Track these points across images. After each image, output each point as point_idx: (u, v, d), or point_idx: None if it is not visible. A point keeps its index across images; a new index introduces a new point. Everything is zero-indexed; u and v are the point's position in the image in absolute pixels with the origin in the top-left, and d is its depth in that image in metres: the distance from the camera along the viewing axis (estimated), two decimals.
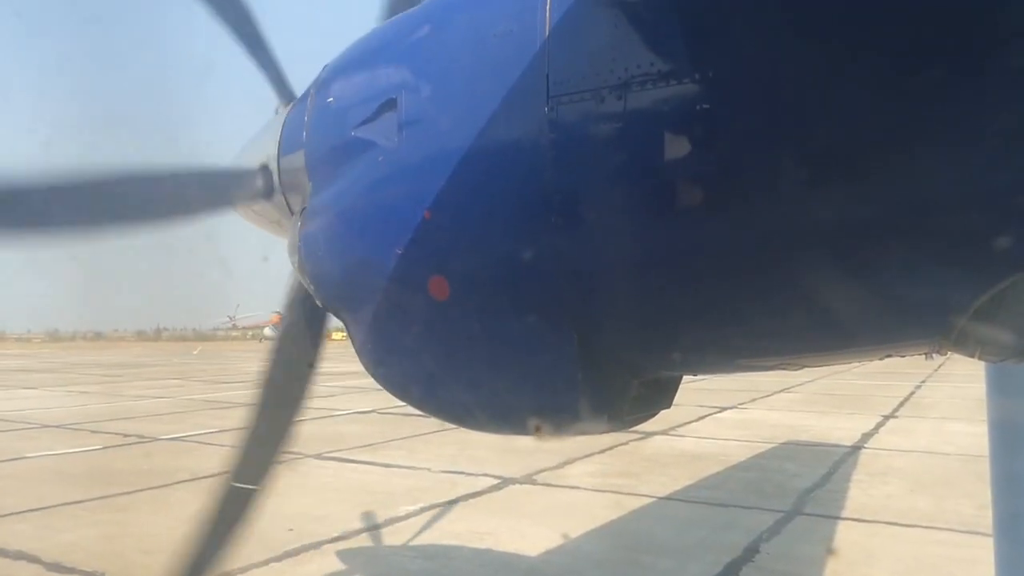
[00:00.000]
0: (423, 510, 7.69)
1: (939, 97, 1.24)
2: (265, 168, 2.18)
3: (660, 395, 1.83)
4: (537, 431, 1.68)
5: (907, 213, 1.29)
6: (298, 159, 2.00)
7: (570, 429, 1.70)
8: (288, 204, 2.12)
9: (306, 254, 1.93)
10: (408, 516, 7.46)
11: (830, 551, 6.43)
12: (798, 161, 1.31)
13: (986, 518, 3.43)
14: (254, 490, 2.35)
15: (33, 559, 6.18)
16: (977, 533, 6.39)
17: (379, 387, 2.00)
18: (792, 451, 11.23)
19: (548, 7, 1.50)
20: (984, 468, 3.25)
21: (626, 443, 11.30)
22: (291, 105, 2.19)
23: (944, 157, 1.25)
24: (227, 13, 2.32)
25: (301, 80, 2.22)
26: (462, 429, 2.01)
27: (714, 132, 1.36)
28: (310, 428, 14.15)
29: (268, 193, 2.19)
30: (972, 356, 1.50)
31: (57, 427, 14.39)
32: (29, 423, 14.95)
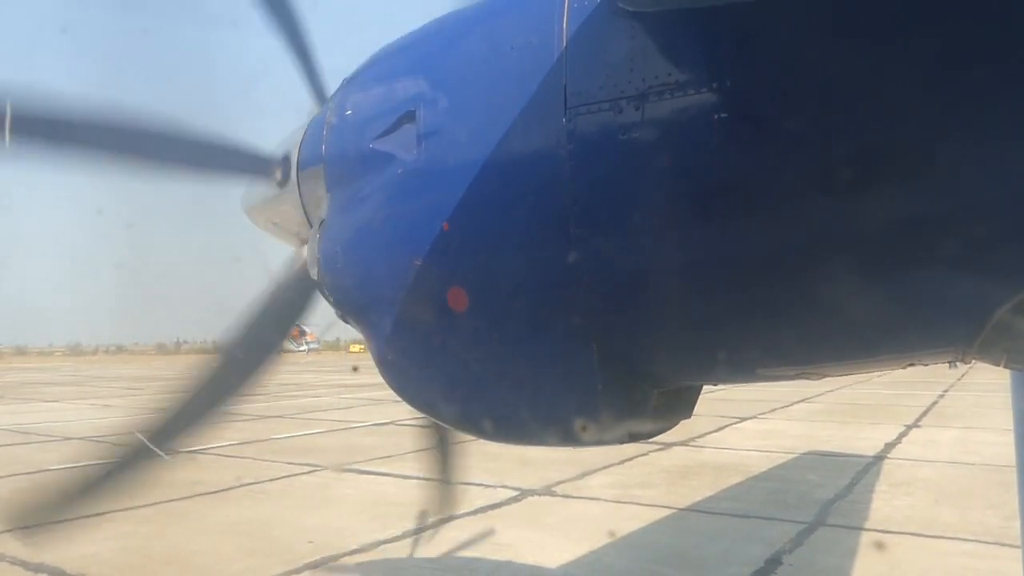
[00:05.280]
0: (442, 521, 7.66)
1: (959, 104, 1.23)
2: (286, 158, 2.20)
3: (680, 405, 1.82)
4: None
5: (930, 220, 1.28)
6: (317, 172, 2.01)
7: (590, 440, 1.70)
8: (307, 216, 2.14)
9: (324, 266, 1.94)
10: (427, 528, 7.44)
11: (853, 563, 6.34)
12: (817, 170, 1.31)
13: (1013, 529, 3.38)
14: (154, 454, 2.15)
15: (54, 570, 6.22)
16: (1004, 544, 6.29)
17: (397, 399, 2.00)
18: (813, 461, 11.11)
19: (565, 19, 1.50)
20: (1010, 478, 3.20)
21: (645, 454, 11.23)
22: (311, 118, 2.20)
23: (969, 163, 1.24)
24: (278, 14, 2.33)
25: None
26: (480, 440, 2.01)
27: (731, 142, 1.36)
28: (328, 440, 14.18)
29: (283, 181, 2.21)
30: (998, 364, 1.49)
31: (79, 439, 14.50)
32: (51, 436, 15.09)
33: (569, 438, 1.74)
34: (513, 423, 1.82)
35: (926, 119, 1.25)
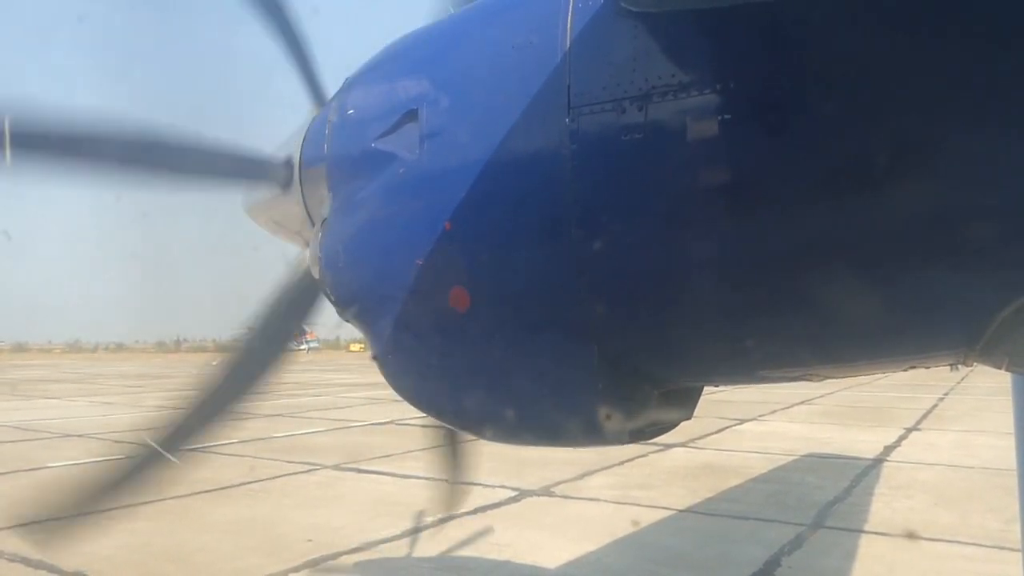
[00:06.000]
0: (441, 521, 7.67)
1: (960, 107, 1.23)
2: (288, 161, 2.20)
3: (680, 406, 1.82)
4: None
5: (932, 223, 1.28)
6: (320, 171, 2.01)
7: (590, 440, 1.70)
8: (309, 215, 2.14)
9: (326, 264, 1.94)
10: (426, 527, 7.44)
11: (852, 565, 6.34)
12: (820, 172, 1.31)
13: (1013, 532, 3.38)
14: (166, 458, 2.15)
15: (54, 568, 6.23)
16: (1004, 548, 6.28)
17: (397, 398, 2.00)
18: (813, 464, 11.11)
19: (569, 18, 1.50)
20: (1010, 482, 3.20)
21: (645, 455, 11.22)
22: (313, 117, 2.20)
23: (971, 166, 1.24)
24: (273, 13, 2.32)
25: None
26: (480, 440, 2.01)
27: (734, 143, 1.35)
28: (328, 439, 14.19)
29: (286, 184, 2.20)
30: (999, 367, 1.49)
31: (79, 437, 14.51)
32: (51, 432, 15.09)
33: (569, 438, 1.74)
34: (513, 423, 1.82)
35: (927, 121, 1.25)
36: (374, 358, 1.94)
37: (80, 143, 1.91)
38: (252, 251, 2.33)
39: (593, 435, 1.67)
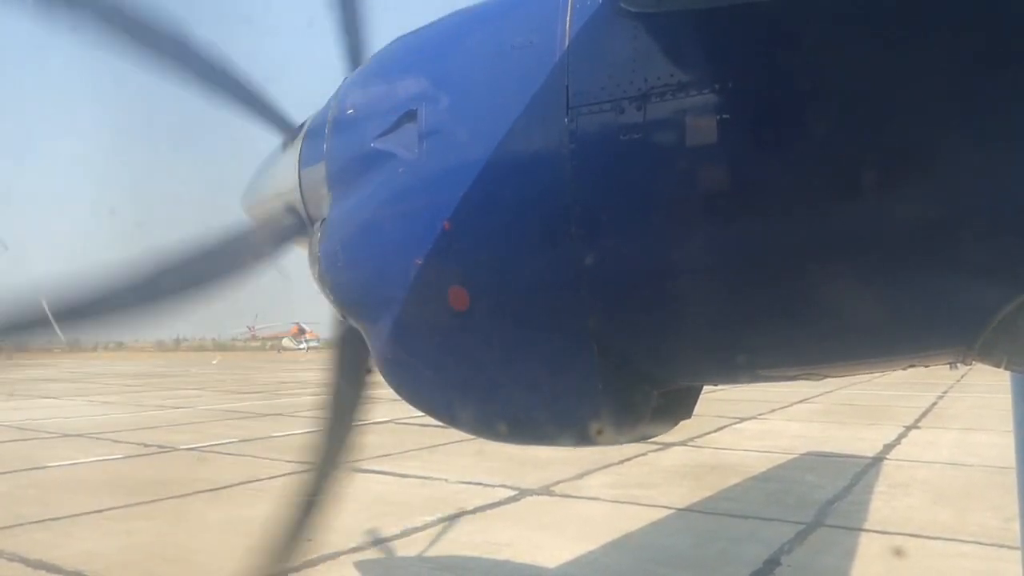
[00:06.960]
0: (440, 521, 7.67)
1: (960, 107, 1.23)
2: (292, 209, 2.16)
3: (680, 406, 1.82)
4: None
5: (932, 222, 1.28)
6: (319, 170, 2.01)
7: (589, 439, 1.70)
8: (309, 215, 2.14)
9: (325, 265, 1.94)
10: (425, 527, 7.45)
11: (852, 564, 6.35)
12: (819, 172, 1.31)
13: (1012, 530, 3.38)
14: (319, 500, 2.36)
15: (53, 568, 6.22)
16: (1003, 546, 6.28)
17: (396, 397, 2.00)
18: (812, 462, 11.11)
19: (568, 19, 1.50)
20: (1010, 480, 3.21)
21: (644, 454, 11.23)
22: (311, 118, 2.20)
23: (970, 166, 1.24)
24: (217, 78, 2.22)
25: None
26: (479, 440, 2.01)
27: (733, 142, 1.36)
28: None
29: (302, 230, 2.15)
30: (998, 366, 1.49)
31: (78, 436, 14.51)
32: (50, 432, 15.08)
33: (568, 438, 1.74)
34: (512, 423, 1.82)
35: (928, 121, 1.26)
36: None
37: (107, 301, 1.88)
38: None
39: (593, 434, 1.67)
